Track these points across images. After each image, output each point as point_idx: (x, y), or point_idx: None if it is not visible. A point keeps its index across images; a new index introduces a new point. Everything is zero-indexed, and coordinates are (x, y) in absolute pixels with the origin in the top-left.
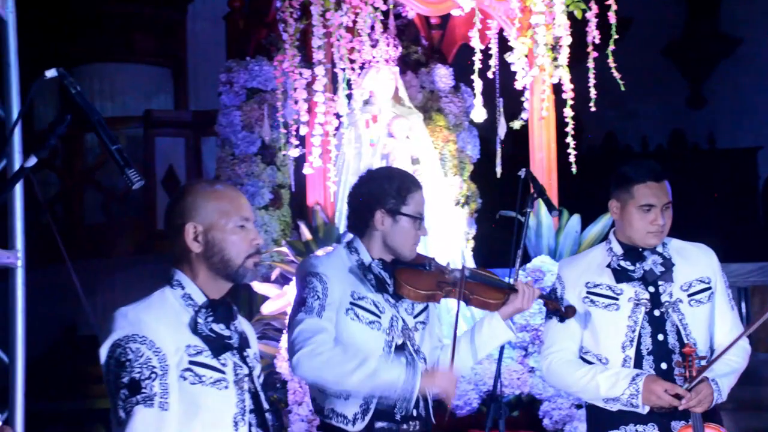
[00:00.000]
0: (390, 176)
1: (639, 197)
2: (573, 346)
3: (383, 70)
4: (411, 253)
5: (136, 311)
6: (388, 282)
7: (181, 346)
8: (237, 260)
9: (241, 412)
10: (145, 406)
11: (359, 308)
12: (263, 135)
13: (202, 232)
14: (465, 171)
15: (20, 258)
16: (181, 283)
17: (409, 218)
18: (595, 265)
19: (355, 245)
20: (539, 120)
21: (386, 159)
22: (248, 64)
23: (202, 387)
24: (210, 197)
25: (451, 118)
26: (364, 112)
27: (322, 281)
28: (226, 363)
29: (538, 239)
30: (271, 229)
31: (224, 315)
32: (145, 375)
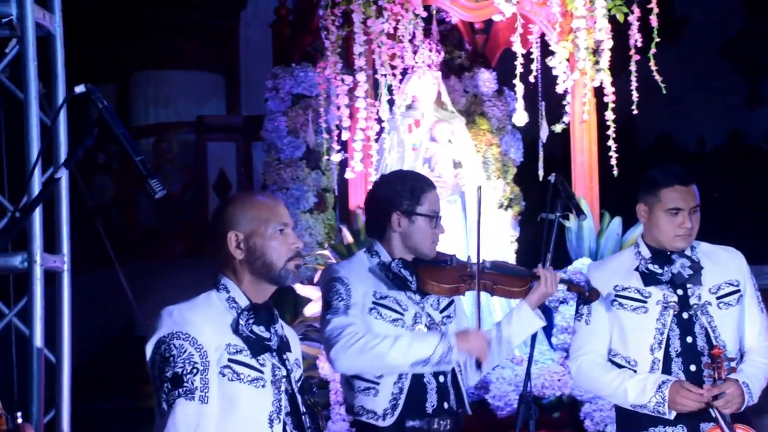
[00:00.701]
0: (403, 178)
1: (666, 201)
2: (601, 348)
3: (426, 75)
4: (431, 251)
5: (181, 310)
6: (410, 280)
7: (222, 345)
8: (278, 264)
9: (276, 411)
10: (186, 399)
11: (382, 307)
12: (308, 140)
13: (243, 240)
14: (508, 174)
15: (66, 262)
16: (226, 287)
17: (425, 217)
18: (624, 268)
19: (375, 248)
20: (580, 123)
21: (428, 163)
22: (293, 71)
23: (239, 384)
24: (249, 207)
25: (494, 121)
26: (407, 117)
27: (344, 284)
28: (265, 363)
29: (579, 242)
30: (315, 232)
31: (265, 318)
32: (187, 370)
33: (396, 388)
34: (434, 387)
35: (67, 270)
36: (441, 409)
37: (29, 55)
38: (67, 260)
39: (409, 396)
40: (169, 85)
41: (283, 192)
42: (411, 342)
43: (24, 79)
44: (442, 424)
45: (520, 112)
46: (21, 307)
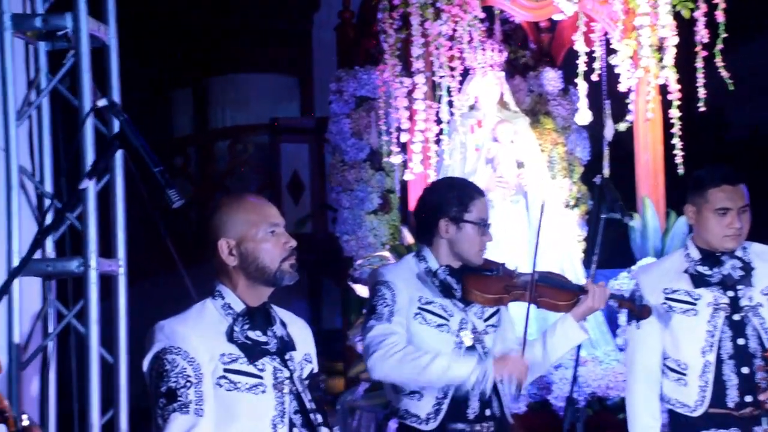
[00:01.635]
0: (451, 185)
1: (714, 201)
2: (653, 357)
3: (488, 75)
4: (478, 258)
5: (171, 324)
6: (455, 287)
7: (215, 355)
8: (272, 266)
9: (280, 415)
10: (181, 413)
11: (427, 312)
12: (371, 142)
13: (235, 246)
14: (574, 173)
15: (122, 266)
16: (221, 294)
17: (473, 225)
18: (673, 270)
19: (423, 253)
20: (644, 122)
21: (491, 163)
22: (357, 73)
23: (237, 393)
24: (237, 211)
25: (559, 120)
26: (469, 118)
27: (390, 289)
28: (264, 368)
29: (643, 241)
30: (380, 233)
31: (261, 322)
32: (180, 384)
33: (440, 393)
34: (477, 394)
35: (123, 273)
36: (483, 416)
37: (84, 67)
38: (123, 264)
39: (453, 402)
40: (244, 88)
41: (348, 193)
42: (449, 364)
43: (79, 89)
44: (484, 426)
45: (583, 111)
46: (79, 309)
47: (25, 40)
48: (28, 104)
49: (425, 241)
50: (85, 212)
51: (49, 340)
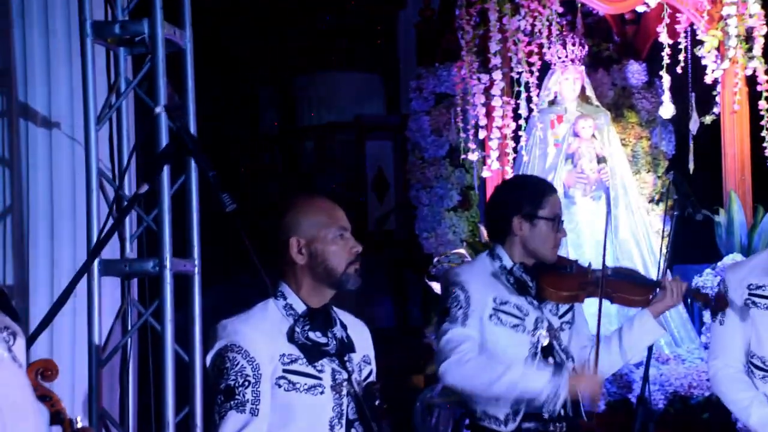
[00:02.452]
0: (524, 183)
1: None
2: (737, 352)
3: (568, 69)
4: (552, 255)
5: (234, 323)
6: (530, 285)
7: (276, 356)
8: (339, 268)
9: (337, 416)
10: (237, 412)
11: (503, 313)
12: (450, 139)
13: (305, 245)
14: (659, 167)
15: (197, 266)
16: (284, 294)
17: (547, 221)
18: (760, 267)
19: (497, 252)
20: (731, 114)
21: (571, 158)
22: (436, 70)
23: (296, 394)
24: (309, 212)
25: (643, 114)
26: (549, 113)
27: (464, 290)
28: (324, 369)
29: (729, 237)
30: (459, 230)
31: (322, 323)
32: (239, 382)
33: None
34: None
35: (198, 273)
36: (557, 416)
37: (159, 71)
38: (197, 263)
39: (529, 403)
40: (330, 86)
41: (427, 190)
42: (521, 378)
43: (155, 93)
44: (558, 426)
45: (666, 104)
46: (155, 308)
47: (106, 46)
48: (109, 107)
49: (499, 239)
50: (161, 214)
51: (127, 337)
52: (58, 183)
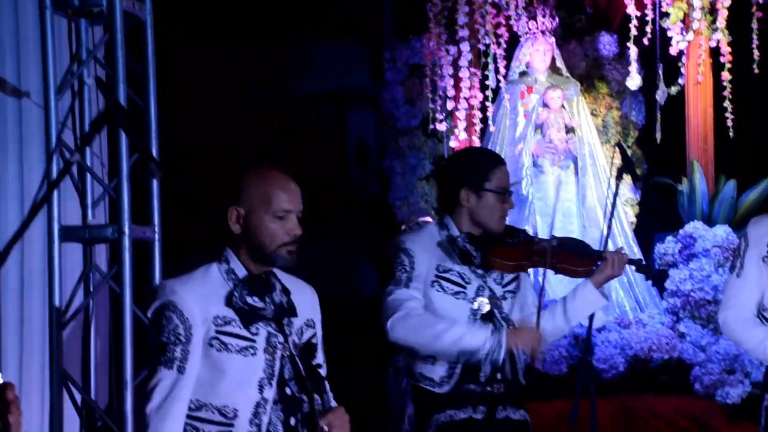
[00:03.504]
0: (472, 155)
1: None
2: (750, 302)
3: (539, 41)
4: (498, 226)
5: (173, 284)
6: (474, 254)
7: (209, 317)
8: (270, 246)
9: (268, 377)
10: (165, 368)
11: (445, 280)
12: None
13: (243, 216)
14: (629, 137)
15: (157, 232)
16: (227, 259)
17: (493, 193)
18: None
19: (445, 221)
20: (695, 85)
21: (541, 128)
22: (410, 41)
23: (227, 354)
24: (257, 183)
25: (613, 84)
26: (519, 84)
27: (409, 255)
28: (259, 332)
29: (691, 205)
30: (431, 199)
31: (260, 288)
32: (171, 340)
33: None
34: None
35: (158, 240)
36: (494, 378)
37: (118, 42)
38: (157, 230)
39: (465, 366)
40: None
41: (400, 160)
42: (463, 333)
43: (114, 64)
44: (495, 387)
45: (633, 75)
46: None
47: (68, 17)
48: (71, 76)
49: (447, 209)
50: (119, 181)
51: (88, 300)
52: (28, 151)
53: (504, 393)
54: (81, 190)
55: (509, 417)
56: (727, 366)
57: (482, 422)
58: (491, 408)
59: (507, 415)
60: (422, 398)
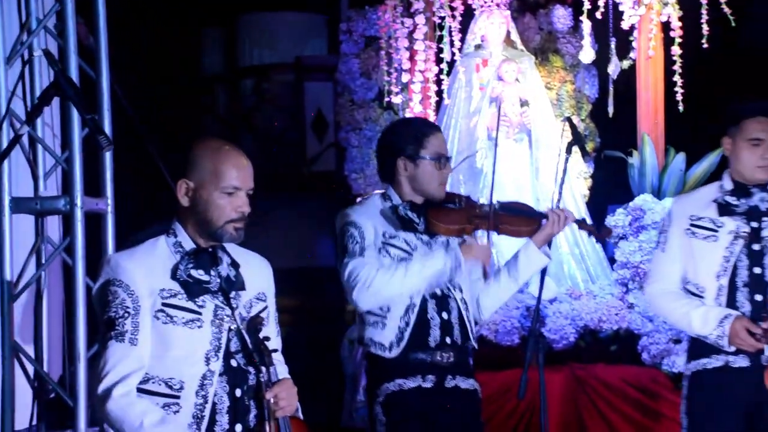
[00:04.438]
0: (406, 125)
1: (747, 131)
2: (674, 275)
3: (494, 14)
4: (439, 192)
5: (117, 258)
6: (416, 221)
7: (156, 290)
8: (217, 222)
9: (214, 349)
10: (117, 341)
11: (391, 246)
12: (379, 82)
13: (193, 189)
14: (583, 111)
15: (110, 204)
16: (175, 232)
17: (429, 161)
18: (704, 199)
19: (388, 192)
20: (646, 59)
21: (495, 102)
22: (366, 13)
23: (173, 326)
24: (208, 158)
25: (567, 58)
26: (474, 57)
27: (356, 227)
28: (204, 304)
29: (641, 178)
30: None
31: (206, 261)
32: (119, 314)
33: (402, 322)
34: (438, 323)
35: (111, 212)
36: (444, 344)
37: (68, 12)
38: (110, 203)
39: (414, 330)
40: (272, 26)
41: (356, 132)
42: (423, 262)
43: (65, 34)
44: (444, 356)
45: (587, 48)
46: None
47: None
48: (21, 45)
49: (388, 179)
50: (71, 153)
51: (40, 272)
52: None
53: (454, 362)
54: (32, 161)
55: (458, 386)
56: (674, 336)
57: (431, 391)
58: (440, 377)
59: (456, 384)
60: (373, 367)
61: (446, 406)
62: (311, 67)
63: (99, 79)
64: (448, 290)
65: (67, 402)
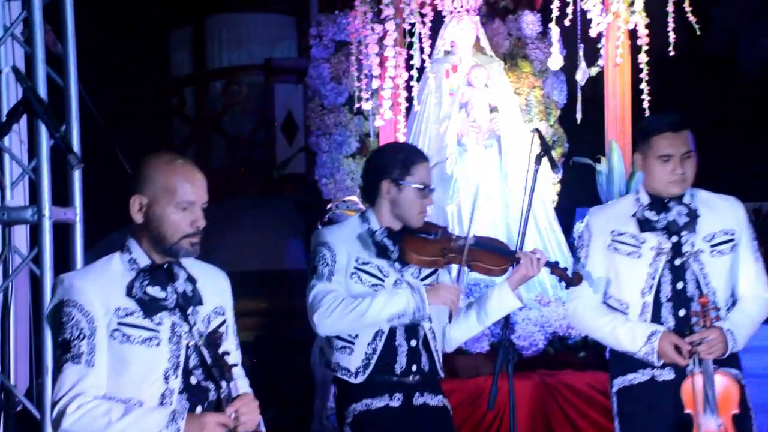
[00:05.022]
0: (396, 149)
1: (657, 148)
2: (598, 293)
3: (464, 20)
4: (417, 220)
5: (71, 278)
6: (391, 249)
7: (111, 309)
8: (172, 238)
9: (173, 366)
10: (73, 363)
11: (363, 272)
12: (349, 87)
13: (146, 205)
14: (551, 116)
15: (78, 214)
16: (129, 249)
17: (414, 188)
18: (623, 214)
19: (367, 214)
20: (614, 67)
21: (465, 108)
22: (336, 18)
23: (130, 345)
24: (161, 173)
25: (536, 64)
26: (444, 63)
27: (330, 249)
28: (162, 322)
29: (609, 185)
30: (357, 176)
31: (162, 278)
32: (74, 335)
33: (370, 348)
34: (405, 350)
35: (80, 221)
36: (409, 371)
37: (36, 19)
38: (79, 212)
39: (381, 357)
40: (241, 28)
41: (327, 137)
42: (386, 300)
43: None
44: (411, 377)
45: (555, 55)
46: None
47: None
48: None
49: (370, 201)
50: (39, 163)
51: (8, 282)
52: None
53: (421, 380)
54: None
55: (427, 403)
56: None
57: (399, 409)
58: (408, 395)
59: (425, 402)
60: (340, 390)
61: (417, 424)
62: (281, 69)
63: (67, 86)
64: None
65: (35, 414)
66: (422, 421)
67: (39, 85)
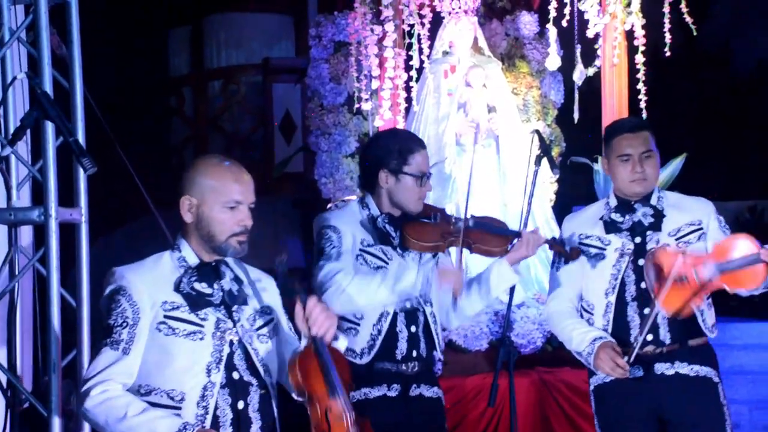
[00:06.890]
0: (393, 137)
1: (617, 149)
2: (570, 293)
3: (462, 20)
4: (416, 207)
5: (123, 270)
6: (393, 236)
7: (158, 302)
8: (220, 237)
9: (216, 361)
10: (111, 348)
11: (368, 254)
12: (348, 87)
13: (196, 205)
14: (549, 116)
15: (84, 215)
16: (179, 247)
17: (411, 177)
18: (592, 217)
19: (366, 201)
20: (611, 67)
21: (463, 108)
22: (335, 18)
23: (175, 338)
24: (209, 174)
25: (534, 64)
26: (443, 63)
27: (335, 231)
28: (207, 317)
29: (606, 184)
30: (356, 175)
31: (209, 275)
32: (118, 322)
33: (375, 329)
34: (405, 336)
35: (85, 222)
36: (410, 357)
37: (42, 23)
38: (84, 213)
39: (384, 340)
40: (240, 28)
41: (326, 137)
42: (395, 277)
43: (38, 44)
44: (410, 365)
45: (553, 55)
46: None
47: None
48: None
49: (368, 189)
50: (45, 164)
51: (14, 282)
52: None
53: (418, 371)
54: (5, 171)
55: (422, 394)
56: None
57: (396, 399)
58: (405, 385)
59: (420, 393)
60: None
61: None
62: (279, 69)
63: (73, 89)
64: (418, 304)
65: (41, 412)
66: (417, 411)
67: (45, 89)
